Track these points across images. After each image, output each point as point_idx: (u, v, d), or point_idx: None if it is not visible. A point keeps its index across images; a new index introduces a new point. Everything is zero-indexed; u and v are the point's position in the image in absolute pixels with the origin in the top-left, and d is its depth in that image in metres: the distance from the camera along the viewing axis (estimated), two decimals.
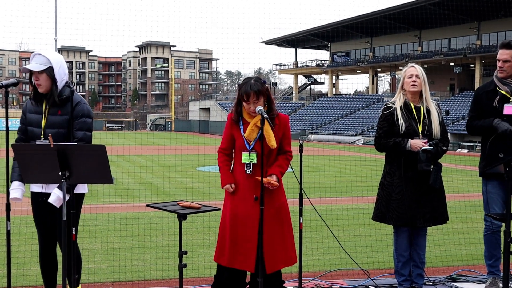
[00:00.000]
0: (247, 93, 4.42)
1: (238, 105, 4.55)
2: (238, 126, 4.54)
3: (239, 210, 4.46)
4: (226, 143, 4.58)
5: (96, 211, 10.26)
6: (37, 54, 4.32)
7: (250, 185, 4.48)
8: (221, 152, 4.59)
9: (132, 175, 17.81)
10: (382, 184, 4.99)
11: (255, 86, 4.44)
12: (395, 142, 4.84)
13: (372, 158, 26.25)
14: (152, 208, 4.39)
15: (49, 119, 4.31)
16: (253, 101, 4.42)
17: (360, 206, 11.51)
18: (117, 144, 29.60)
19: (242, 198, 4.47)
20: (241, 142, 4.51)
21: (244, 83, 4.50)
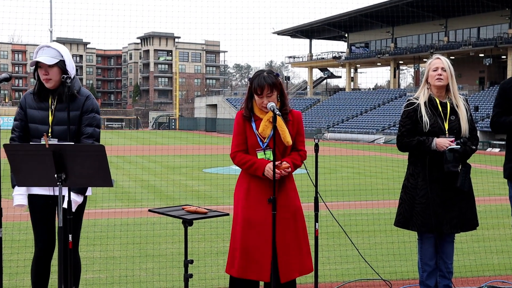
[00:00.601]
0: (260, 86, 4.45)
1: (249, 100, 4.58)
2: (250, 123, 4.55)
3: (252, 215, 4.47)
4: (240, 140, 4.56)
5: (94, 216, 10.30)
6: (45, 46, 4.37)
7: (265, 187, 4.49)
8: (238, 152, 4.56)
9: (134, 177, 17.86)
10: (405, 187, 4.97)
11: (269, 79, 4.49)
12: (419, 141, 4.82)
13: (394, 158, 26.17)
14: (155, 213, 4.40)
15: (57, 115, 4.37)
16: (266, 95, 4.46)
17: (381, 210, 11.47)
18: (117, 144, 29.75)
19: (256, 201, 4.49)
20: (254, 140, 4.52)
21: (257, 75, 4.53)
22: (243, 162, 4.51)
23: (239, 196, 4.56)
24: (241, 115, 4.58)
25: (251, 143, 4.54)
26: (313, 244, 4.76)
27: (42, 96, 4.41)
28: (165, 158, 24.76)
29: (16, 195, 4.35)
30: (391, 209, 11.16)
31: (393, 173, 18.82)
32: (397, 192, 5.44)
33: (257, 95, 4.48)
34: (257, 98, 4.50)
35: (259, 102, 4.50)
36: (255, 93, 4.48)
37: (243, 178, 4.61)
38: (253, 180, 4.53)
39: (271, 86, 4.47)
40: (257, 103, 4.52)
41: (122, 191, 14.30)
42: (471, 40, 56.64)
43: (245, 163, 4.50)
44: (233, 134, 4.64)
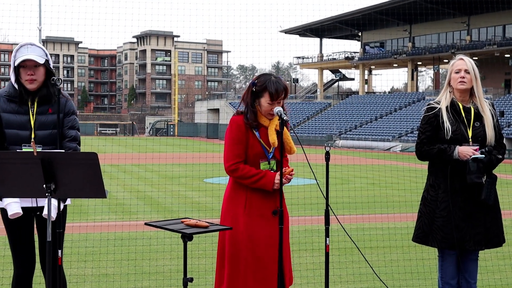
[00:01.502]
0: (278, 90, 4.45)
1: (252, 105, 4.54)
2: (253, 131, 4.53)
3: (256, 231, 4.47)
4: (240, 150, 4.49)
5: (86, 230, 10.30)
6: (29, 44, 4.38)
7: (265, 199, 4.50)
8: (239, 163, 4.48)
9: (129, 188, 17.87)
10: (425, 199, 4.95)
11: (284, 83, 4.53)
12: (439, 149, 4.80)
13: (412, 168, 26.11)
14: (151, 227, 4.39)
15: (39, 119, 4.36)
16: (278, 101, 4.48)
17: (398, 225, 11.44)
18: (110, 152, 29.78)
19: (259, 214, 4.48)
20: (259, 150, 4.51)
21: (267, 79, 4.51)
22: (249, 175, 4.46)
23: (237, 212, 4.52)
24: (242, 123, 4.52)
25: (254, 153, 4.51)
26: (323, 261, 4.75)
27: (21, 99, 4.39)
28: (163, 167, 24.75)
29: (10, 203, 4.29)
30: (408, 223, 11.13)
31: (411, 184, 18.77)
32: (416, 205, 5.42)
33: (271, 100, 4.46)
34: (266, 104, 4.48)
35: (268, 108, 4.48)
36: (271, 98, 4.46)
37: (237, 191, 4.55)
38: (252, 192, 4.51)
39: (287, 90, 4.53)
40: (264, 109, 4.50)
41: (116, 203, 14.31)
42: (495, 40, 56.59)
43: (251, 177, 4.45)
44: (228, 143, 4.55)
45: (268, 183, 4.43)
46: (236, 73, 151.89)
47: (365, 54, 72.15)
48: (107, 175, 21.15)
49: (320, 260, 7.88)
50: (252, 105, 4.53)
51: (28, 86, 4.37)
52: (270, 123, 4.52)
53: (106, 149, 33.04)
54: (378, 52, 70.78)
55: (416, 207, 5.16)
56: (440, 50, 61.19)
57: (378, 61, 69.75)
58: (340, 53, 75.04)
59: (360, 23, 67.66)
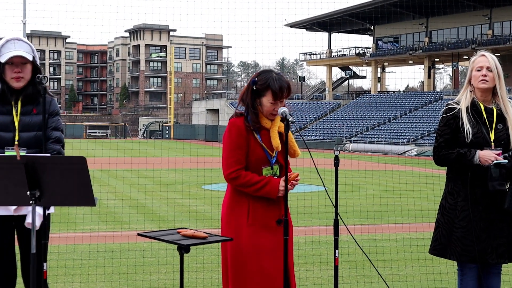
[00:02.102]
0: (282, 88, 4.46)
1: (253, 106, 4.53)
2: (254, 135, 4.52)
3: (261, 242, 4.47)
4: (241, 155, 4.48)
5: (73, 241, 10.29)
6: (15, 39, 4.39)
7: (268, 207, 4.51)
8: (240, 170, 4.47)
9: (120, 195, 17.87)
10: (443, 208, 4.95)
11: (286, 81, 4.53)
12: (459, 154, 4.79)
13: (429, 174, 26.08)
14: (145, 237, 4.38)
15: (23, 120, 4.38)
16: (280, 101, 4.49)
17: (413, 236, 11.42)
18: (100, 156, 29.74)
19: (263, 224, 4.49)
20: (261, 155, 4.51)
21: (269, 77, 4.50)
22: (252, 183, 4.44)
23: (240, 222, 4.51)
24: (243, 125, 4.51)
25: (255, 159, 4.50)
26: (332, 275, 4.74)
27: (6, 98, 4.40)
28: (158, 173, 24.74)
29: None
30: (425, 234, 11.11)
31: (428, 192, 18.75)
32: (433, 214, 5.41)
33: (273, 100, 4.46)
34: (268, 104, 4.48)
35: (270, 108, 4.48)
36: (274, 97, 4.46)
37: (239, 200, 4.55)
38: (255, 201, 4.51)
39: (290, 89, 4.53)
40: (266, 110, 4.50)
41: (107, 212, 14.30)
42: None
43: (253, 184, 4.44)
44: (227, 148, 4.52)
45: (272, 191, 4.42)
46: (238, 70, 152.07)
47: (377, 50, 72.15)
48: (96, 181, 21.15)
49: (329, 274, 7.86)
50: (253, 106, 4.51)
51: (14, 85, 4.37)
52: (272, 125, 4.52)
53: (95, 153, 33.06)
54: (391, 48, 70.78)
55: (434, 217, 5.15)
56: (459, 46, 61.16)
57: (391, 58, 69.75)
58: (351, 49, 75.07)
59: (372, 16, 67.70)
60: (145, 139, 79.12)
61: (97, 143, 53.42)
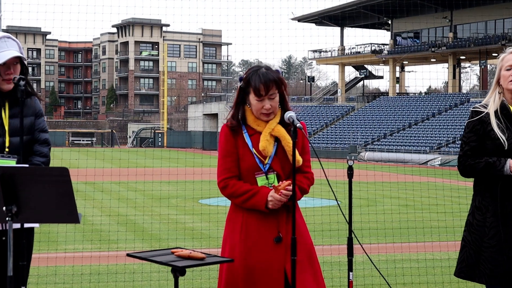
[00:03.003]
0: (265, 83, 4.47)
1: (238, 106, 4.60)
2: (242, 138, 4.56)
3: (255, 262, 4.45)
4: (230, 163, 4.53)
5: (55, 262, 10.29)
6: (6, 37, 4.47)
7: (267, 222, 4.49)
8: (229, 179, 4.52)
9: (107, 211, 17.87)
10: (470, 224, 4.94)
11: (273, 74, 4.52)
12: (487, 163, 4.79)
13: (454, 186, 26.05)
14: (135, 258, 4.39)
15: (12, 124, 4.45)
16: (269, 96, 4.48)
17: (437, 256, 11.40)
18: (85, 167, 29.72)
19: (257, 242, 4.47)
20: (252, 162, 4.52)
21: (253, 71, 4.56)
22: (239, 193, 4.48)
23: (234, 238, 4.53)
24: (228, 129, 4.57)
25: (246, 166, 4.52)
26: None
27: None
28: (149, 186, 24.71)
29: None
30: (450, 254, 11.09)
31: (453, 206, 18.72)
32: (459, 232, 5.41)
33: (257, 97, 4.48)
34: (255, 102, 4.50)
35: (258, 107, 4.50)
36: (256, 94, 4.48)
37: (236, 213, 4.58)
38: (248, 214, 4.51)
39: (277, 83, 4.51)
40: (255, 109, 4.53)
41: (92, 229, 14.30)
42: None
43: (241, 195, 4.47)
44: (219, 156, 4.61)
45: (259, 202, 4.42)
46: (239, 70, 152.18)
47: (396, 46, 72.18)
48: (80, 195, 21.15)
49: None
50: (238, 105, 4.59)
51: (5, 87, 4.45)
52: (265, 127, 4.53)
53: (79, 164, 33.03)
54: (412, 44, 70.81)
55: (460, 234, 5.15)
56: (488, 42, 61.17)
57: (412, 55, 69.77)
58: (366, 46, 75.14)
59: (389, 9, 67.70)
60: (135, 147, 79.15)
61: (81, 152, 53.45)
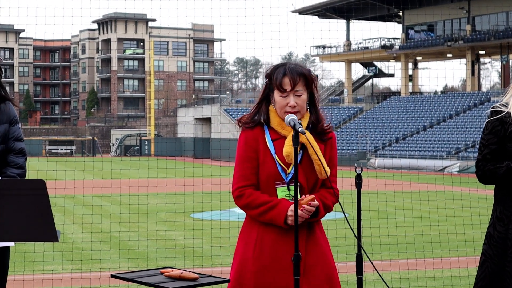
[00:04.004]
0: (292, 76, 4.46)
1: (263, 105, 4.59)
2: (264, 143, 4.53)
3: (268, 280, 4.43)
4: (248, 170, 4.50)
5: (32, 285, 10.29)
6: None
7: (286, 240, 4.45)
8: (246, 188, 4.49)
9: (89, 227, 17.86)
10: (490, 237, 4.95)
11: (302, 69, 4.53)
12: (509, 168, 4.80)
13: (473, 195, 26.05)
14: (121, 280, 4.39)
15: None
16: (295, 92, 4.47)
17: (455, 272, 11.41)
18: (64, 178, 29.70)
19: (272, 259, 4.45)
20: (272, 170, 4.49)
21: (281, 64, 4.56)
22: (256, 204, 4.44)
23: (246, 255, 4.50)
24: (251, 132, 4.54)
25: (266, 175, 4.49)
26: None
27: None
28: (135, 199, 24.70)
29: None
30: (470, 270, 11.10)
31: (473, 218, 18.73)
32: (480, 246, 5.42)
33: (280, 92, 4.48)
34: (279, 99, 4.50)
35: (282, 104, 4.48)
36: (279, 89, 4.48)
37: (251, 226, 4.56)
38: (265, 228, 4.48)
39: (306, 78, 4.51)
40: (278, 107, 4.51)
41: (73, 248, 14.29)
42: None
43: (257, 206, 4.44)
44: (236, 162, 4.59)
45: (278, 216, 4.38)
46: (234, 68, 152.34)
47: (408, 41, 72.26)
48: (59, 209, 21.14)
49: None
50: (263, 104, 4.58)
51: None
52: (291, 131, 4.44)
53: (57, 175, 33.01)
54: (425, 38, 70.90)
55: (479, 248, 5.16)
56: (509, 35, 61.24)
57: (425, 51, 69.84)
58: (375, 40, 75.19)
59: (400, 0, 67.79)
60: (119, 156, 79.08)
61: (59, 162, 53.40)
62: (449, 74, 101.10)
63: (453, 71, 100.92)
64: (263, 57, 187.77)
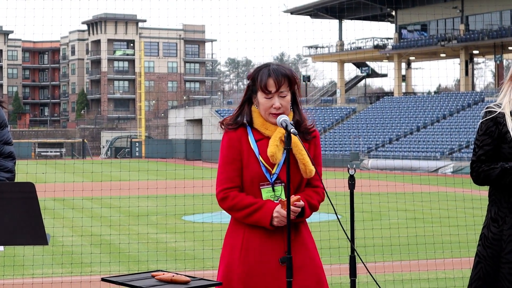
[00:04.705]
0: (276, 78, 4.46)
1: (245, 107, 4.60)
2: (247, 144, 4.53)
3: (255, 282, 4.44)
4: (232, 172, 4.51)
5: None
6: None
7: (273, 241, 4.46)
8: (230, 190, 4.50)
9: (79, 230, 17.84)
10: (485, 238, 4.95)
11: (285, 69, 4.52)
12: (503, 169, 4.80)
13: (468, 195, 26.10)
14: (111, 283, 4.38)
15: None
16: (279, 94, 4.47)
17: (450, 274, 11.42)
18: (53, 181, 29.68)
19: (259, 261, 4.45)
20: (257, 171, 4.49)
21: (263, 66, 4.56)
22: (241, 206, 4.45)
23: (233, 257, 4.51)
24: (233, 133, 4.55)
25: (251, 176, 4.50)
26: None
27: None
28: (126, 201, 24.65)
29: None
30: (464, 272, 11.11)
31: (467, 219, 18.77)
32: (474, 247, 5.43)
33: (265, 94, 4.48)
34: (263, 100, 4.50)
35: (267, 105, 4.48)
36: (263, 91, 4.47)
37: (236, 229, 4.57)
38: (252, 231, 4.49)
39: (290, 80, 4.51)
40: (263, 108, 4.51)
41: (63, 251, 14.27)
42: None
43: (242, 209, 4.45)
44: (219, 163, 4.59)
45: (263, 217, 4.38)
46: (225, 69, 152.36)
47: (401, 40, 72.35)
48: (49, 213, 21.12)
49: None
50: (245, 106, 4.58)
51: None
52: (275, 131, 4.49)
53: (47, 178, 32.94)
54: (419, 38, 70.98)
55: (474, 249, 5.16)
56: (503, 34, 61.35)
57: (419, 50, 69.91)
58: (367, 40, 75.26)
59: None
60: (109, 158, 79.00)
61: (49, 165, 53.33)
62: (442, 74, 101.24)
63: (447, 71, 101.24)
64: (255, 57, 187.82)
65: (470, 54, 68.09)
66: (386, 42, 74.36)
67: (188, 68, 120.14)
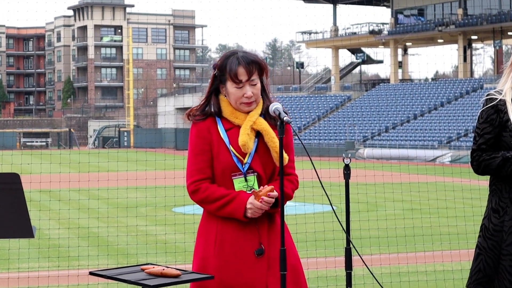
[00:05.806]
0: (246, 66, 4.46)
1: (212, 97, 4.58)
2: (217, 134, 4.53)
3: (231, 276, 4.45)
4: (202, 163, 4.51)
5: (7, 284, 10.26)
6: None
7: (248, 233, 4.47)
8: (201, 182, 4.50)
9: (66, 222, 17.82)
10: (485, 229, 4.95)
11: (254, 56, 4.52)
12: (505, 159, 4.80)
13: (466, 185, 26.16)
14: (100, 277, 4.38)
15: None
16: (250, 82, 4.47)
17: (448, 266, 11.45)
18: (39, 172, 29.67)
19: (234, 254, 4.47)
20: (228, 161, 4.49)
21: (230, 54, 4.55)
22: (213, 199, 4.45)
23: (207, 251, 4.52)
24: (201, 123, 4.55)
25: (222, 166, 4.50)
26: None
27: None
28: (114, 193, 24.64)
29: None
30: (463, 264, 11.14)
31: (466, 209, 18.80)
32: (473, 238, 5.43)
33: (236, 84, 4.47)
34: (233, 90, 4.49)
35: (238, 95, 4.48)
36: (234, 81, 4.46)
37: (209, 222, 4.57)
38: (224, 223, 4.49)
39: (260, 66, 4.51)
40: (233, 98, 4.50)
41: (49, 244, 14.26)
42: None
43: (215, 201, 4.45)
44: (188, 155, 4.59)
45: (236, 209, 4.38)
46: (216, 56, 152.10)
47: (397, 26, 72.34)
48: (34, 205, 21.09)
49: None
50: (212, 96, 4.57)
51: None
52: (246, 119, 4.51)
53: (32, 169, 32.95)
54: (415, 23, 70.97)
55: (474, 241, 5.17)
56: (502, 19, 61.39)
57: (415, 36, 69.91)
58: (362, 25, 75.26)
59: None
60: (97, 148, 78.93)
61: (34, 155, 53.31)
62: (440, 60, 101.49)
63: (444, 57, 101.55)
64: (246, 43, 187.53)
65: (469, 39, 68.14)
66: (381, 28, 74.37)
67: (178, 55, 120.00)
